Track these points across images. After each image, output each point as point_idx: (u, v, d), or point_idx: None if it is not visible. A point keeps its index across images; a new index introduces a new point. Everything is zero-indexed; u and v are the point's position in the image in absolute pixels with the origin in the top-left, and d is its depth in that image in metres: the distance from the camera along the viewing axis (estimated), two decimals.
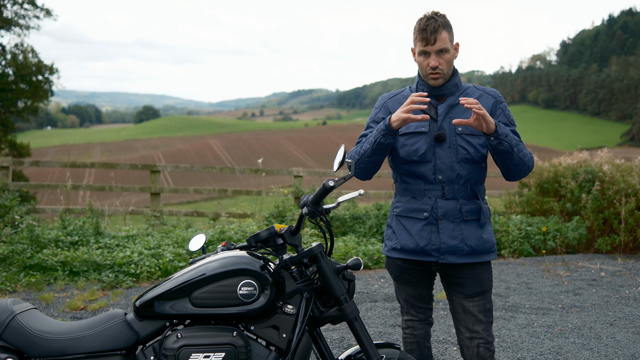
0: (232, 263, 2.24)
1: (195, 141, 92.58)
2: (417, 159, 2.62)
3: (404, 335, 2.83)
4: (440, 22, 2.56)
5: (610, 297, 5.74)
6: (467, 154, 2.59)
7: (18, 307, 2.21)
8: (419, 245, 2.61)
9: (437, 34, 2.54)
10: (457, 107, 2.64)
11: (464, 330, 2.69)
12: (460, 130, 2.60)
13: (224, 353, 2.14)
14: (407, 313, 2.81)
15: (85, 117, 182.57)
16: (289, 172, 9.45)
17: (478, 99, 2.65)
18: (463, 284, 2.66)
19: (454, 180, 2.60)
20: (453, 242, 2.58)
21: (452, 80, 2.65)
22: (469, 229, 2.60)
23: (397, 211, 2.70)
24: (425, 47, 2.58)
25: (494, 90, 2.75)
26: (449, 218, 2.59)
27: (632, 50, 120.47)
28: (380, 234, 7.98)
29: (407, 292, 2.77)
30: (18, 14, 26.91)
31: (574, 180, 8.27)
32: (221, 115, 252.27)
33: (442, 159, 2.59)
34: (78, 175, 44.53)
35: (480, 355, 2.65)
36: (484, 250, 2.64)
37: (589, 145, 57.45)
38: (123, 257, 6.16)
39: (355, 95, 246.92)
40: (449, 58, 2.59)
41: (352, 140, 76.13)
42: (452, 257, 2.60)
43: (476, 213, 2.62)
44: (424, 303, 2.79)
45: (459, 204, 2.60)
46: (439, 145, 2.60)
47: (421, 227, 2.61)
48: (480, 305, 2.66)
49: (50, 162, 10.51)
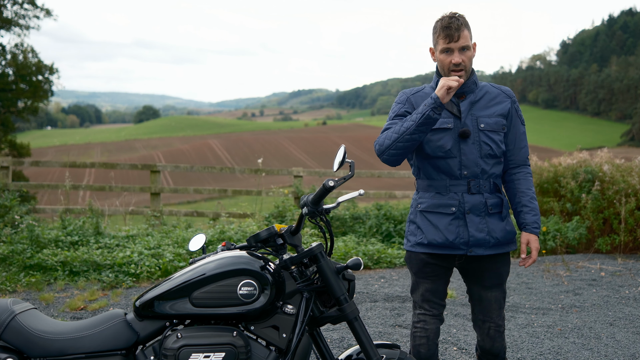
0: (232, 263, 2.24)
1: (195, 141, 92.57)
2: (443, 154, 2.70)
3: (414, 329, 2.87)
4: (462, 21, 2.67)
5: (610, 297, 5.74)
6: (490, 150, 2.71)
7: (18, 307, 2.21)
8: (448, 239, 2.69)
9: (460, 31, 2.64)
10: (478, 103, 2.75)
11: (479, 314, 2.88)
12: (483, 126, 2.71)
13: (224, 353, 2.14)
14: (420, 307, 2.86)
15: (85, 117, 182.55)
16: (289, 172, 9.45)
17: (496, 97, 2.78)
18: (483, 276, 2.81)
19: (478, 175, 2.70)
20: (480, 235, 2.69)
21: (470, 78, 2.75)
22: (493, 222, 2.72)
23: (422, 207, 2.77)
24: (449, 44, 2.65)
25: (508, 89, 2.87)
26: (475, 212, 2.70)
27: (632, 50, 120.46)
28: (380, 234, 7.98)
29: (425, 287, 2.83)
30: (18, 14, 26.92)
31: (574, 180, 8.27)
32: (221, 115, 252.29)
33: (467, 155, 2.69)
34: (78, 175, 44.54)
35: (491, 335, 2.86)
36: (506, 240, 2.77)
37: (589, 145, 57.47)
38: (123, 257, 6.16)
39: (355, 95, 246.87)
40: (470, 55, 2.70)
41: (352, 140, 75.50)
42: (479, 249, 2.71)
43: (499, 206, 2.75)
44: (439, 299, 2.85)
45: (484, 198, 2.71)
46: (463, 141, 2.70)
47: (449, 221, 2.70)
48: (497, 296, 2.83)
49: (50, 162, 10.52)
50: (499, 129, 2.73)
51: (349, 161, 2.34)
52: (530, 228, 2.76)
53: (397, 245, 7.69)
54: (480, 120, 2.71)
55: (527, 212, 2.77)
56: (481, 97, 2.76)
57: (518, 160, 2.82)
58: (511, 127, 2.78)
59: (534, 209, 2.77)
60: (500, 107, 2.76)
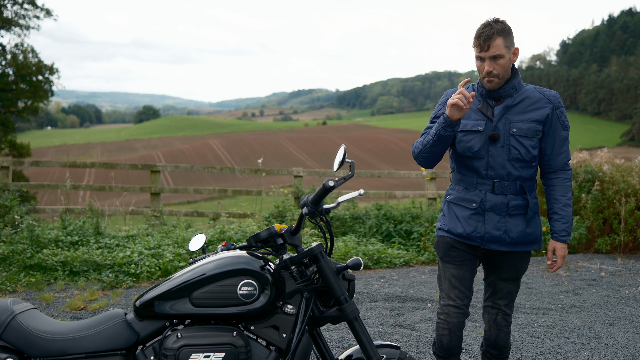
0: (232, 263, 2.24)
1: (195, 141, 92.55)
2: (471, 155, 2.83)
3: (438, 320, 2.96)
4: (497, 29, 2.70)
5: (610, 297, 5.74)
6: (518, 154, 2.79)
7: (18, 307, 2.21)
8: (465, 231, 2.84)
9: (490, 41, 2.69)
10: (514, 108, 2.81)
11: (490, 301, 3.02)
12: (514, 131, 2.78)
13: (224, 353, 2.14)
14: (446, 297, 2.92)
15: (85, 117, 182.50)
16: (289, 172, 9.45)
17: (536, 102, 2.82)
18: (501, 267, 2.93)
19: (504, 177, 2.80)
20: (496, 233, 2.81)
21: (510, 83, 2.81)
22: (513, 222, 2.81)
23: (450, 198, 2.94)
24: (480, 54, 2.75)
25: (553, 94, 2.88)
26: (495, 211, 2.81)
27: (632, 50, 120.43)
28: (380, 234, 7.99)
29: (450, 272, 2.92)
30: (18, 14, 26.93)
31: (574, 180, 8.27)
32: (221, 115, 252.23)
33: (494, 157, 2.79)
34: (78, 175, 44.53)
35: (497, 322, 2.99)
36: (524, 241, 2.85)
37: (589, 145, 57.41)
38: (123, 257, 6.16)
39: (355, 95, 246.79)
40: (503, 63, 2.74)
41: (352, 140, 75.54)
42: (493, 244, 2.83)
43: (523, 208, 2.82)
44: (465, 287, 2.91)
45: (507, 199, 2.80)
46: (492, 144, 2.79)
47: (469, 215, 2.84)
48: (511, 288, 2.97)
49: (50, 162, 10.51)
50: (532, 134, 2.79)
51: (349, 161, 2.34)
52: (557, 236, 2.86)
53: (397, 245, 7.69)
54: (513, 125, 2.79)
55: (557, 219, 2.86)
56: (519, 101, 2.82)
57: (556, 165, 2.87)
58: (550, 133, 2.83)
59: (565, 216, 2.85)
60: (538, 112, 2.81)
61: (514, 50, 2.77)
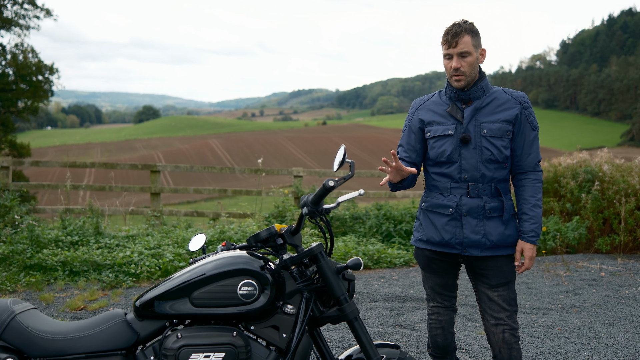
0: (232, 263, 2.24)
1: (195, 141, 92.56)
2: (444, 160, 2.81)
3: (429, 320, 3.02)
4: (465, 28, 2.71)
5: (610, 297, 5.74)
6: (491, 155, 2.76)
7: (18, 307, 2.21)
8: (444, 238, 2.80)
9: (458, 38, 2.70)
10: (483, 109, 2.79)
11: (489, 318, 2.85)
12: (485, 132, 2.76)
13: (224, 353, 2.14)
14: (433, 300, 3.00)
15: (85, 117, 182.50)
16: (289, 172, 9.45)
17: (505, 103, 2.80)
18: (487, 275, 2.83)
19: (478, 180, 2.77)
20: (475, 237, 2.76)
21: (478, 85, 2.79)
22: (491, 225, 2.77)
23: (425, 206, 2.90)
24: (448, 50, 2.74)
25: (521, 95, 2.86)
26: (472, 215, 2.77)
27: (632, 50, 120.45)
28: (380, 234, 7.99)
29: (433, 281, 2.96)
30: (18, 14, 26.93)
31: (574, 180, 8.27)
32: (221, 115, 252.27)
33: (467, 160, 2.77)
34: (78, 175, 44.53)
35: (506, 341, 2.82)
36: (506, 244, 2.79)
37: (588, 145, 57.45)
38: (123, 257, 6.16)
39: (355, 95, 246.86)
40: (471, 61, 2.73)
41: (352, 140, 75.54)
42: (474, 250, 2.78)
43: (499, 210, 2.78)
44: (449, 291, 2.97)
45: (483, 202, 2.76)
46: (464, 146, 2.77)
47: (446, 221, 2.80)
48: (504, 295, 2.83)
49: (50, 162, 10.50)
50: (503, 134, 2.76)
51: (349, 161, 2.34)
52: (526, 237, 2.78)
53: (397, 245, 7.69)
54: (483, 126, 2.76)
55: (526, 220, 2.79)
56: (488, 103, 2.80)
57: (526, 166, 2.83)
58: (519, 133, 2.80)
59: (534, 217, 2.78)
60: (507, 113, 2.78)
61: (482, 52, 2.78)
